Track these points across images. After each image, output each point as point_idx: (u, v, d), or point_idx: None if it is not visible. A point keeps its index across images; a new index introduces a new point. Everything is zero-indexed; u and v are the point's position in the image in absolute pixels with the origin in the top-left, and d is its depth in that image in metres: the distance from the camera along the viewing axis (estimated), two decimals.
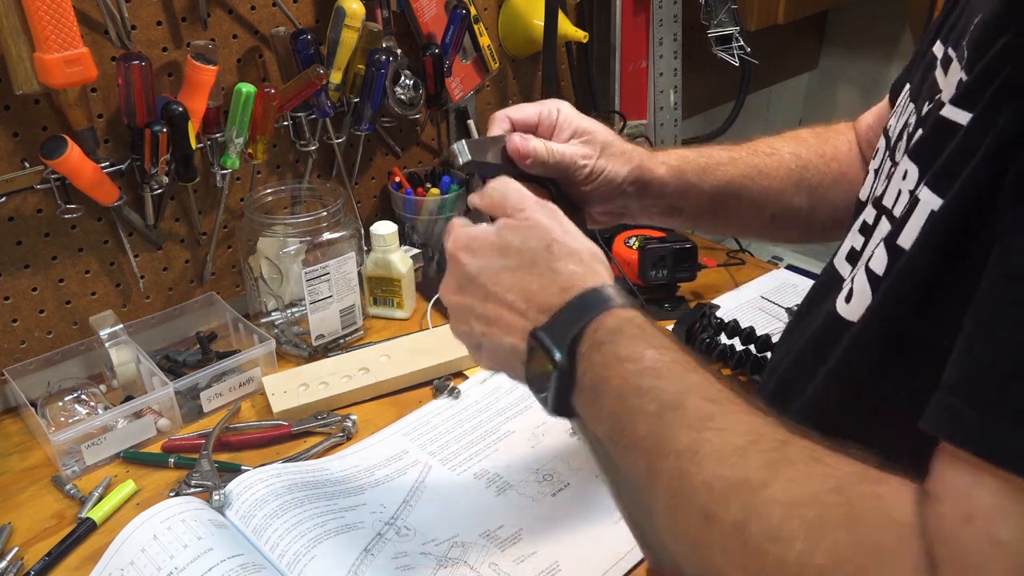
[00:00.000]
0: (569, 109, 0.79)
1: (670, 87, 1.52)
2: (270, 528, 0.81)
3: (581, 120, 0.79)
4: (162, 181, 1.03)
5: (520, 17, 1.35)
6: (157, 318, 1.12)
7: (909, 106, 0.64)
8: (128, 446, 0.96)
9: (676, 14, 1.48)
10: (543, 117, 0.78)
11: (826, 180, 0.86)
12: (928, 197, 0.52)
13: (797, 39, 1.99)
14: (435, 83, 1.23)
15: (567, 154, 0.76)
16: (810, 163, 0.86)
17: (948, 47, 0.58)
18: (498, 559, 0.80)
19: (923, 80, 0.62)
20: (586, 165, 0.77)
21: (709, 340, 1.06)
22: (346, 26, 1.10)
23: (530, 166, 0.75)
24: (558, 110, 0.79)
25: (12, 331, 1.03)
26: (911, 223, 0.53)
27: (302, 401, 1.01)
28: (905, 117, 0.64)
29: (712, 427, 0.49)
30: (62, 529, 0.86)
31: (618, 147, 0.79)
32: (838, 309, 0.59)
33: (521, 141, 0.75)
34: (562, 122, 0.78)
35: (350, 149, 1.24)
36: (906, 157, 0.57)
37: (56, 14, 0.87)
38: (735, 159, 0.84)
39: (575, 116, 0.79)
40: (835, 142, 0.88)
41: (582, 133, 0.78)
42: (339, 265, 1.08)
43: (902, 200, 0.57)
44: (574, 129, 0.78)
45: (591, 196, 0.79)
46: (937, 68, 0.59)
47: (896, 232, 0.54)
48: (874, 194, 0.63)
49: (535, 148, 0.75)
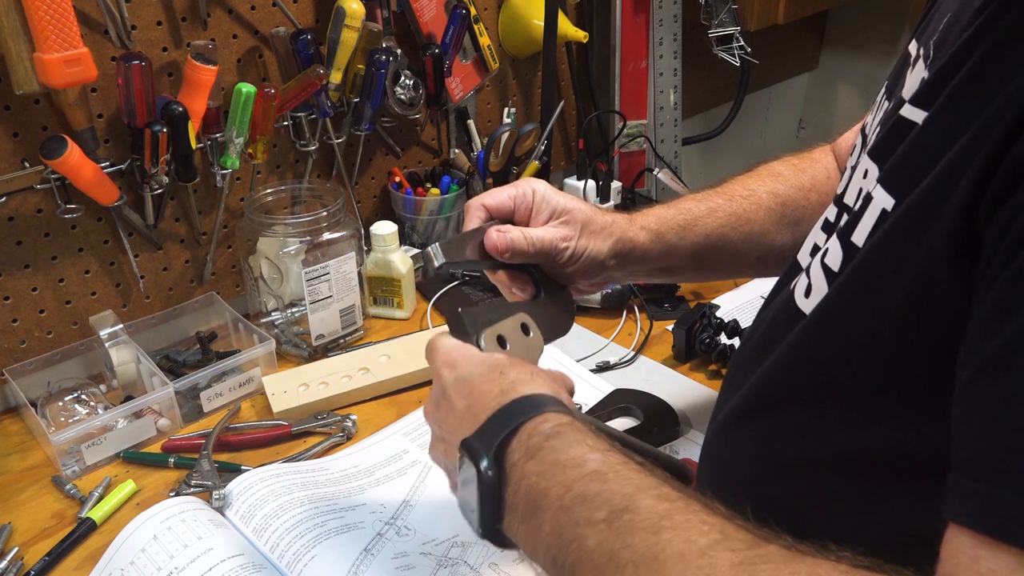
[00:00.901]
0: (545, 188, 0.77)
1: (670, 87, 1.52)
2: (270, 528, 0.81)
3: (558, 199, 0.77)
4: (162, 181, 1.03)
5: (520, 17, 1.35)
6: (157, 318, 1.12)
7: (884, 103, 0.63)
8: (128, 446, 0.96)
9: (676, 14, 1.48)
10: (518, 201, 0.76)
11: (807, 213, 0.84)
12: (881, 195, 0.51)
13: (797, 39, 1.99)
14: (435, 83, 1.23)
15: (546, 240, 0.74)
16: (789, 199, 0.85)
17: (920, 46, 0.58)
18: (498, 559, 0.80)
19: (897, 77, 0.62)
20: (567, 248, 0.75)
21: (709, 340, 1.06)
22: (346, 26, 1.10)
23: (510, 259, 0.73)
24: (533, 191, 0.77)
25: (12, 331, 1.03)
26: (864, 221, 0.52)
27: (302, 401, 1.01)
28: (880, 115, 0.63)
29: (670, 527, 0.44)
30: (62, 529, 0.86)
31: (598, 223, 0.77)
32: (797, 301, 0.58)
33: (498, 236, 0.73)
34: (539, 203, 0.76)
35: (350, 149, 1.24)
36: (865, 155, 0.57)
37: (56, 14, 0.87)
38: (713, 210, 0.83)
39: (552, 195, 0.77)
40: (812, 171, 0.87)
41: (560, 213, 0.76)
42: (339, 265, 1.08)
43: (859, 197, 0.56)
44: (552, 209, 0.76)
45: (574, 275, 0.78)
46: (909, 66, 0.59)
47: (850, 228, 0.53)
48: (837, 192, 0.62)
49: (513, 241, 0.73)
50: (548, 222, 0.76)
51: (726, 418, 0.65)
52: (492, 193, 0.77)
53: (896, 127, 0.52)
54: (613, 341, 1.13)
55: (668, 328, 1.11)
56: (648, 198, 1.46)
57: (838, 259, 0.54)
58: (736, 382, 0.65)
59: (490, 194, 0.77)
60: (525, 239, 0.73)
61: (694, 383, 1.05)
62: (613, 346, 1.12)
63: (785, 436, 0.58)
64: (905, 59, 0.61)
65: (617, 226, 0.79)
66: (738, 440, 0.63)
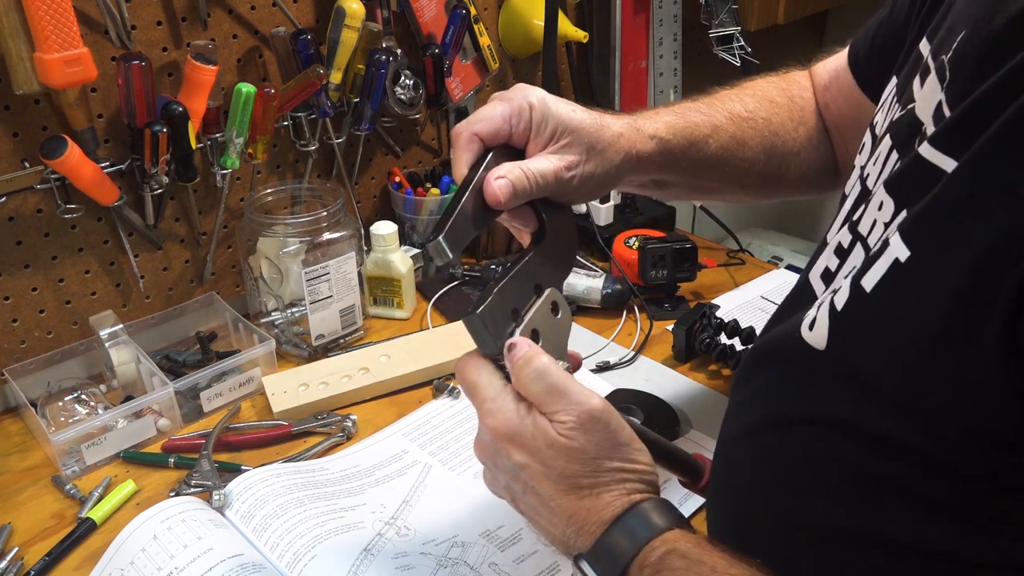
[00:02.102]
0: (543, 99, 0.68)
1: (670, 87, 1.52)
2: (270, 528, 0.81)
3: (560, 112, 0.68)
4: (162, 181, 1.03)
5: (520, 17, 1.35)
6: (157, 318, 1.12)
7: (895, 105, 0.61)
8: (128, 446, 0.96)
9: (676, 14, 1.48)
10: (515, 122, 0.67)
11: (795, 147, 0.85)
12: (896, 244, 0.48)
13: (797, 39, 1.98)
14: (435, 83, 1.23)
15: (550, 172, 0.66)
16: (781, 129, 0.84)
17: (930, 54, 0.56)
18: (498, 559, 0.80)
19: (907, 80, 0.60)
20: (573, 176, 0.68)
21: (709, 340, 1.06)
22: (346, 26, 1.10)
23: (514, 205, 0.65)
24: (530, 105, 0.67)
25: (12, 331, 1.03)
26: (876, 266, 0.50)
27: (302, 401, 1.01)
28: (892, 115, 0.61)
29: None
30: (62, 529, 0.86)
31: (604, 139, 0.70)
32: (802, 333, 0.56)
33: (498, 186, 0.63)
34: (538, 121, 0.67)
35: (350, 149, 1.24)
36: (881, 187, 0.55)
37: (56, 14, 0.87)
38: (716, 128, 0.79)
39: (552, 108, 0.68)
40: (801, 103, 0.88)
41: (563, 132, 0.68)
42: (339, 265, 1.08)
43: (876, 231, 0.54)
44: (554, 127, 0.67)
45: (578, 198, 0.71)
46: (919, 72, 0.57)
47: (863, 271, 0.51)
48: (851, 218, 0.60)
49: (514, 186, 0.64)
50: (550, 143, 0.68)
51: (746, 428, 0.64)
52: (483, 116, 0.67)
53: (918, 167, 0.50)
54: (613, 341, 1.13)
55: (668, 328, 1.11)
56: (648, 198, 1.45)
57: (843, 300, 0.53)
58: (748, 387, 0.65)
59: (481, 118, 0.67)
60: (528, 179, 0.65)
61: (694, 383, 1.05)
62: (613, 346, 1.12)
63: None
64: (916, 60, 0.59)
65: (626, 139, 0.72)
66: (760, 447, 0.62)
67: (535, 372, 0.58)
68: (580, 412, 0.58)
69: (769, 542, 0.58)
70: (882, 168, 0.59)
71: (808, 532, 0.55)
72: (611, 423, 0.59)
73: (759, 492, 0.60)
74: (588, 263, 1.28)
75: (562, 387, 0.58)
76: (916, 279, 0.47)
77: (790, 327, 0.58)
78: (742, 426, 0.63)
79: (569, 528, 0.59)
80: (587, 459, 0.58)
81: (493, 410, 0.59)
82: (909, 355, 0.47)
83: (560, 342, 0.64)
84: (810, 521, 0.55)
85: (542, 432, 0.58)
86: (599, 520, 0.58)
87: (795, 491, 0.56)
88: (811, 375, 0.55)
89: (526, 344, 0.59)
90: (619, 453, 0.59)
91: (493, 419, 0.59)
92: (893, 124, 0.59)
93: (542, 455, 0.58)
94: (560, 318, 0.65)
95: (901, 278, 0.48)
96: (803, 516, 0.56)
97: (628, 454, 0.59)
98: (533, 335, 0.61)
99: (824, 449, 0.53)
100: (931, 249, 0.46)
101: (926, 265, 0.46)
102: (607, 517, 0.57)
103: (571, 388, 0.58)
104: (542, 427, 0.58)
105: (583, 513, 0.58)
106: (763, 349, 0.65)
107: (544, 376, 0.58)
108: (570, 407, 0.58)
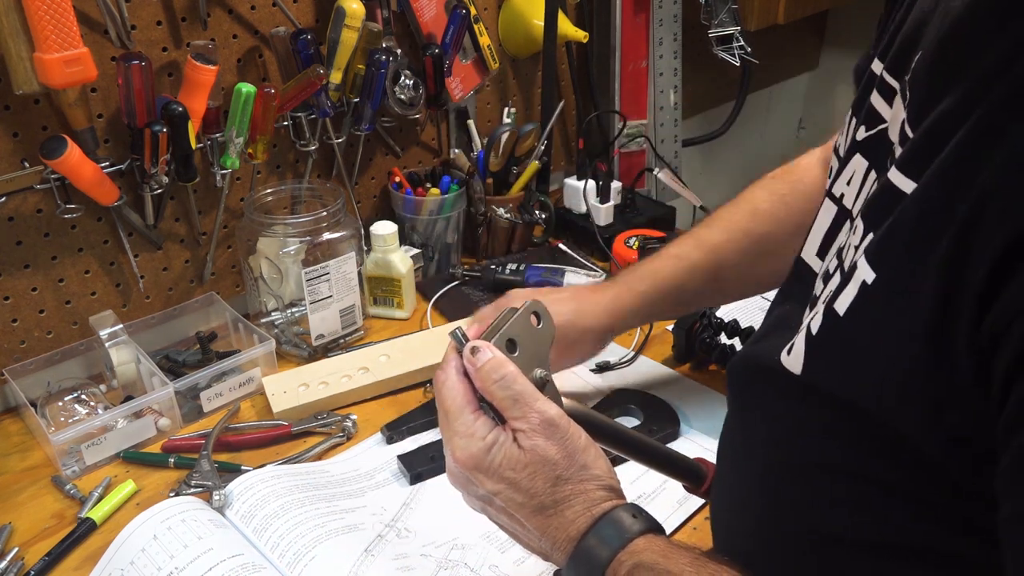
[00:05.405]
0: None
1: (670, 87, 1.52)
2: (270, 528, 0.81)
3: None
4: (162, 181, 1.03)
5: (520, 17, 1.35)
6: (157, 318, 1.12)
7: (852, 121, 0.61)
8: (128, 446, 0.96)
9: (676, 14, 1.48)
10: None
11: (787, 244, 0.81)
12: (863, 267, 0.49)
13: (797, 39, 1.99)
14: (435, 83, 1.23)
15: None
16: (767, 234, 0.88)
17: (886, 71, 0.56)
18: (498, 561, 0.80)
19: (861, 99, 0.60)
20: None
21: (709, 340, 1.06)
22: (346, 26, 1.10)
23: None
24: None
25: (12, 331, 1.03)
26: (847, 290, 0.50)
27: (302, 401, 1.01)
28: (850, 133, 0.61)
29: None
30: (62, 529, 0.86)
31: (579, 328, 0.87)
32: (781, 358, 0.56)
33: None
34: None
35: (350, 149, 1.24)
36: (859, 217, 0.55)
37: (56, 14, 0.87)
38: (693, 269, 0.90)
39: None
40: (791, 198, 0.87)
41: None
42: (339, 265, 1.08)
43: (848, 255, 0.54)
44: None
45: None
46: (874, 92, 0.57)
47: (836, 294, 0.52)
48: (839, 243, 0.60)
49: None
50: None
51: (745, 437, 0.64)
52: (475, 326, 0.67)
53: (888, 191, 0.50)
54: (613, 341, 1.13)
55: (668, 328, 1.11)
56: (648, 198, 1.46)
57: (817, 325, 0.53)
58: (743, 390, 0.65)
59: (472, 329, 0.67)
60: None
61: (694, 383, 1.05)
62: (613, 346, 1.12)
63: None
64: (871, 78, 0.59)
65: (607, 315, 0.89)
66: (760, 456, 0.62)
67: (503, 380, 0.61)
68: (541, 419, 0.61)
69: (773, 547, 0.59)
70: (859, 189, 0.58)
71: (811, 537, 0.56)
72: (569, 429, 0.61)
73: (762, 499, 0.60)
74: (588, 263, 1.28)
75: (525, 396, 0.61)
76: (882, 301, 0.48)
77: (771, 349, 0.58)
78: (742, 435, 0.64)
79: (544, 543, 0.61)
80: (548, 474, 0.60)
81: (462, 445, 0.62)
82: (883, 377, 0.47)
83: (540, 351, 0.67)
84: (813, 527, 0.55)
85: (508, 459, 0.61)
86: (567, 537, 0.60)
87: (797, 499, 0.57)
88: (796, 399, 0.56)
89: (489, 352, 0.62)
90: (577, 460, 0.61)
91: (462, 452, 0.62)
92: (861, 144, 0.59)
93: (509, 479, 0.61)
94: (541, 328, 0.68)
95: (869, 301, 0.49)
96: (806, 521, 0.56)
97: (585, 460, 0.61)
98: (509, 344, 0.64)
99: (822, 458, 0.54)
100: (893, 270, 0.47)
101: (890, 286, 0.47)
102: (573, 534, 0.59)
103: (533, 397, 0.61)
104: (508, 454, 0.61)
105: (552, 531, 0.60)
106: (755, 363, 0.65)
107: (510, 385, 0.61)
108: (531, 414, 0.61)
